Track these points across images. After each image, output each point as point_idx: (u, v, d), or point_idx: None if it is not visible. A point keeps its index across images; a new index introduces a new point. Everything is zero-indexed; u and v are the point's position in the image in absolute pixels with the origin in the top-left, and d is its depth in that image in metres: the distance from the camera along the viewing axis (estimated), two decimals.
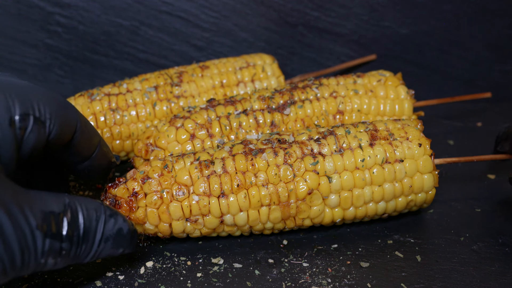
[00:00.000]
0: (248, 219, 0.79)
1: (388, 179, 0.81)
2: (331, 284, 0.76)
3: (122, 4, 1.25)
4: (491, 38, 1.31)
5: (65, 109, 0.70)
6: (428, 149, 0.82)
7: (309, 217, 0.82)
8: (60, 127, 0.69)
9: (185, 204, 0.77)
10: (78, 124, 0.73)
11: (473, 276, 0.77)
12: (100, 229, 0.67)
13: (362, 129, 0.83)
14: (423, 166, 0.81)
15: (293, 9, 1.28)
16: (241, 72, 1.09)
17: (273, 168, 0.78)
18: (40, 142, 0.66)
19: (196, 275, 0.77)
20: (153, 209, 0.77)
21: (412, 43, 1.32)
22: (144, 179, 0.78)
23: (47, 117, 0.66)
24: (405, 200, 0.83)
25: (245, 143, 0.82)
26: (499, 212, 0.92)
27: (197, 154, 0.81)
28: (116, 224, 0.69)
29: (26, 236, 0.58)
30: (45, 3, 1.23)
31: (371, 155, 0.80)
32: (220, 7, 1.27)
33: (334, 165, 0.80)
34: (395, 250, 0.83)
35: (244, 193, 0.78)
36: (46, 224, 0.60)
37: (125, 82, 1.06)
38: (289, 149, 0.80)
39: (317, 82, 1.00)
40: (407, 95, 0.99)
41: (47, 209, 0.61)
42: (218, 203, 0.78)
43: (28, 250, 0.59)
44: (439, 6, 1.29)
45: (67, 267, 0.78)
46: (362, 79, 1.01)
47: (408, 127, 0.84)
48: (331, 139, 0.81)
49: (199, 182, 0.77)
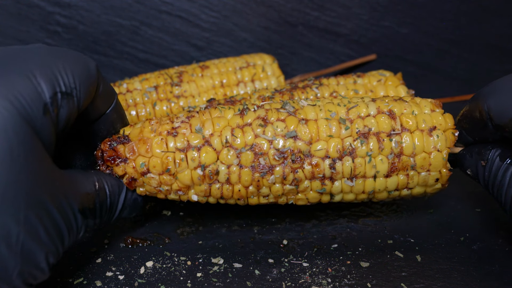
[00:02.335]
0: None
1: (390, 197, 0.82)
2: (331, 284, 0.76)
3: (122, 4, 1.25)
4: (491, 38, 1.31)
5: (87, 68, 0.67)
6: (445, 182, 0.80)
7: None
8: (87, 90, 0.67)
9: (184, 197, 0.79)
10: (100, 77, 0.70)
11: (473, 276, 0.77)
12: (121, 201, 0.76)
13: (387, 152, 0.76)
14: (431, 193, 0.82)
15: (293, 9, 1.28)
16: (241, 72, 1.09)
17: (279, 190, 0.78)
18: (72, 114, 0.65)
19: (196, 275, 0.77)
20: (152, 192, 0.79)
21: (412, 43, 1.32)
22: (144, 174, 0.75)
23: (73, 87, 0.64)
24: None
25: (256, 151, 0.75)
26: (499, 212, 0.92)
27: (202, 155, 0.74)
28: (132, 194, 0.77)
29: (70, 220, 0.64)
30: (45, 3, 1.23)
31: (382, 186, 0.78)
32: (220, 7, 1.27)
33: (341, 188, 0.78)
34: (395, 250, 0.83)
35: (244, 201, 0.80)
36: (84, 206, 0.67)
37: (125, 82, 1.06)
38: (300, 171, 0.75)
39: (317, 82, 1.01)
40: (407, 95, 0.99)
41: (84, 191, 0.67)
42: (215, 201, 0.80)
43: (72, 231, 0.65)
44: (439, 6, 1.29)
45: (67, 267, 0.78)
46: (362, 79, 1.01)
47: (436, 155, 0.77)
48: (347, 166, 0.75)
49: (200, 188, 0.77)
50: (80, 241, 0.84)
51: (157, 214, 0.91)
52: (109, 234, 0.86)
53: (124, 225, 0.88)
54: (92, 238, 0.84)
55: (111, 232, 0.86)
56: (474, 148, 0.77)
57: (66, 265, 0.78)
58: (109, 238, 0.85)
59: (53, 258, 0.61)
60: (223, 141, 0.75)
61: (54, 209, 0.60)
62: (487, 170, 0.74)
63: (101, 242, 0.84)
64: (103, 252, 0.81)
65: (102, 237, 0.85)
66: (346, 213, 0.91)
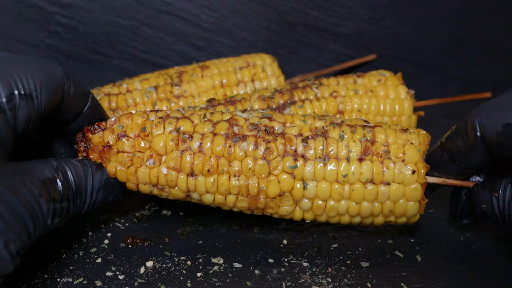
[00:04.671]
0: (214, 201, 0.78)
1: (368, 199, 0.77)
2: (331, 284, 0.76)
3: (122, 4, 1.25)
4: (491, 38, 1.31)
5: (49, 72, 0.70)
6: (422, 177, 0.76)
7: (278, 214, 0.79)
8: (49, 93, 0.68)
9: (153, 172, 0.77)
10: (65, 79, 0.72)
11: (473, 276, 0.77)
12: (90, 183, 0.74)
13: (359, 136, 0.77)
14: (410, 194, 0.76)
15: (293, 9, 1.28)
16: (241, 72, 1.09)
17: (250, 160, 0.75)
18: (32, 115, 0.67)
19: (196, 275, 0.77)
20: (123, 168, 0.77)
21: (412, 43, 1.32)
22: (120, 136, 0.77)
23: (32, 89, 0.66)
24: (383, 219, 0.80)
25: (231, 122, 0.78)
26: None
27: (180, 122, 0.78)
28: (103, 175, 0.76)
29: (33, 206, 0.64)
30: (45, 3, 1.23)
31: (356, 171, 0.75)
32: (220, 7, 1.27)
33: (314, 172, 0.75)
34: (395, 250, 0.83)
35: (214, 178, 0.76)
36: (46, 191, 0.66)
37: (125, 82, 1.06)
38: (272, 143, 0.76)
39: (317, 82, 1.01)
40: (407, 95, 0.99)
41: (43, 177, 0.67)
42: (186, 180, 0.76)
43: (37, 217, 0.64)
44: (439, 6, 1.29)
45: (67, 267, 0.78)
46: (362, 79, 1.01)
47: (410, 147, 0.76)
48: (320, 142, 0.76)
49: (172, 155, 0.76)
50: (80, 241, 0.84)
51: None
52: (109, 234, 0.86)
53: (124, 225, 0.88)
54: (92, 238, 0.85)
55: (111, 232, 0.86)
56: (485, 183, 0.75)
57: (66, 265, 0.78)
58: (109, 238, 0.85)
59: (15, 246, 0.61)
60: (201, 118, 0.79)
61: (11, 196, 0.61)
62: (500, 201, 0.72)
63: (101, 242, 0.84)
64: (103, 252, 0.81)
65: (102, 237, 0.85)
66: None
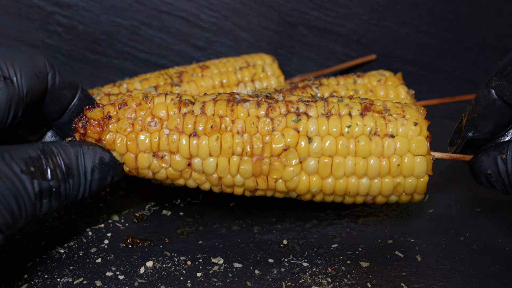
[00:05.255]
0: (216, 167, 0.75)
1: (374, 153, 0.75)
2: (331, 284, 0.76)
3: (122, 4, 1.25)
4: (491, 38, 1.31)
5: (30, 59, 0.70)
6: (425, 130, 0.75)
7: (283, 179, 0.76)
8: (30, 78, 0.69)
9: (154, 136, 0.75)
10: (49, 68, 0.72)
11: (473, 276, 0.77)
12: (81, 162, 0.72)
13: (357, 100, 0.78)
14: (416, 147, 0.75)
15: (293, 9, 1.28)
16: (241, 72, 1.09)
17: (253, 118, 0.75)
18: (13, 98, 0.67)
19: (196, 275, 0.77)
20: (122, 136, 0.75)
21: (412, 43, 1.32)
22: (121, 105, 0.76)
23: (12, 72, 0.67)
24: (392, 182, 0.77)
25: (232, 93, 0.79)
26: (499, 212, 0.92)
27: (181, 95, 0.79)
28: (95, 154, 0.74)
29: (14, 182, 0.62)
30: (45, 3, 1.23)
31: (360, 124, 0.75)
32: (220, 7, 1.27)
33: (318, 127, 0.75)
34: (395, 250, 0.83)
35: (217, 137, 0.74)
36: (29, 167, 0.64)
37: (125, 82, 1.07)
38: (274, 104, 0.76)
39: (317, 82, 1.01)
40: (407, 95, 0.99)
41: (26, 155, 0.65)
42: (188, 141, 0.74)
43: (20, 194, 0.63)
44: (439, 6, 1.29)
45: (67, 267, 0.78)
46: (362, 79, 1.01)
47: (408, 107, 0.78)
48: (321, 103, 0.76)
49: (174, 117, 0.75)
50: (80, 241, 0.84)
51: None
52: (109, 234, 0.86)
53: (124, 225, 0.88)
54: (92, 238, 0.85)
55: (111, 232, 0.86)
56: (487, 147, 0.74)
57: (66, 265, 0.78)
58: (109, 238, 0.85)
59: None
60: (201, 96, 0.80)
61: None
62: (509, 162, 0.70)
63: (101, 242, 0.84)
64: (103, 252, 0.81)
65: (102, 237, 0.85)
66: (346, 213, 0.91)
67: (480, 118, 0.75)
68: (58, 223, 0.88)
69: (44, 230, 0.86)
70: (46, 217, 0.89)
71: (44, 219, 0.88)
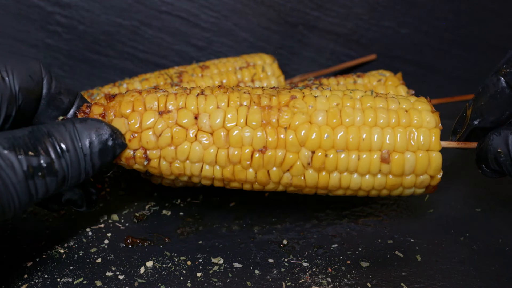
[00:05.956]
0: (224, 119, 0.73)
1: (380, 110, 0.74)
2: (331, 284, 0.76)
3: (122, 4, 1.25)
4: (491, 38, 1.31)
5: (24, 62, 0.71)
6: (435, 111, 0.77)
7: (292, 128, 0.73)
8: (22, 78, 0.69)
9: (163, 97, 0.74)
10: (44, 72, 0.72)
11: (473, 276, 0.77)
12: (75, 135, 0.67)
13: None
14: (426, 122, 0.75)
15: (293, 9, 1.28)
16: (241, 72, 1.09)
17: (258, 90, 0.77)
18: (3, 95, 0.67)
19: (196, 275, 0.77)
20: (129, 98, 0.74)
21: (412, 43, 1.32)
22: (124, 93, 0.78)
23: (3, 70, 0.67)
24: (404, 132, 0.74)
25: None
26: (499, 212, 0.92)
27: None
28: (90, 126, 0.69)
29: None
30: (45, 3, 1.23)
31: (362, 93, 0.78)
32: (220, 7, 1.27)
33: (320, 93, 0.77)
34: (395, 250, 0.83)
35: (224, 91, 0.76)
36: (14, 145, 0.61)
37: (125, 82, 1.07)
38: (276, 91, 0.79)
39: (317, 82, 1.01)
40: (407, 95, 0.99)
41: (10, 135, 0.62)
42: (195, 98, 0.74)
43: (6, 173, 0.59)
44: (439, 6, 1.29)
45: (67, 267, 0.78)
46: (362, 79, 1.01)
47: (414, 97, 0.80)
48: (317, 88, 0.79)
49: (180, 88, 0.77)
50: (80, 241, 0.84)
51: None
52: (109, 234, 0.86)
53: (124, 225, 0.88)
54: (92, 238, 0.85)
55: (111, 232, 0.86)
56: (499, 129, 0.73)
57: (66, 265, 0.78)
58: (109, 238, 0.85)
59: None
60: None
61: None
62: None
63: (101, 242, 0.84)
64: (103, 252, 0.81)
65: (102, 237, 0.85)
66: (346, 213, 0.91)
67: (487, 106, 0.75)
68: (58, 223, 0.88)
69: (44, 230, 0.86)
70: (46, 217, 0.89)
71: (44, 219, 0.89)
